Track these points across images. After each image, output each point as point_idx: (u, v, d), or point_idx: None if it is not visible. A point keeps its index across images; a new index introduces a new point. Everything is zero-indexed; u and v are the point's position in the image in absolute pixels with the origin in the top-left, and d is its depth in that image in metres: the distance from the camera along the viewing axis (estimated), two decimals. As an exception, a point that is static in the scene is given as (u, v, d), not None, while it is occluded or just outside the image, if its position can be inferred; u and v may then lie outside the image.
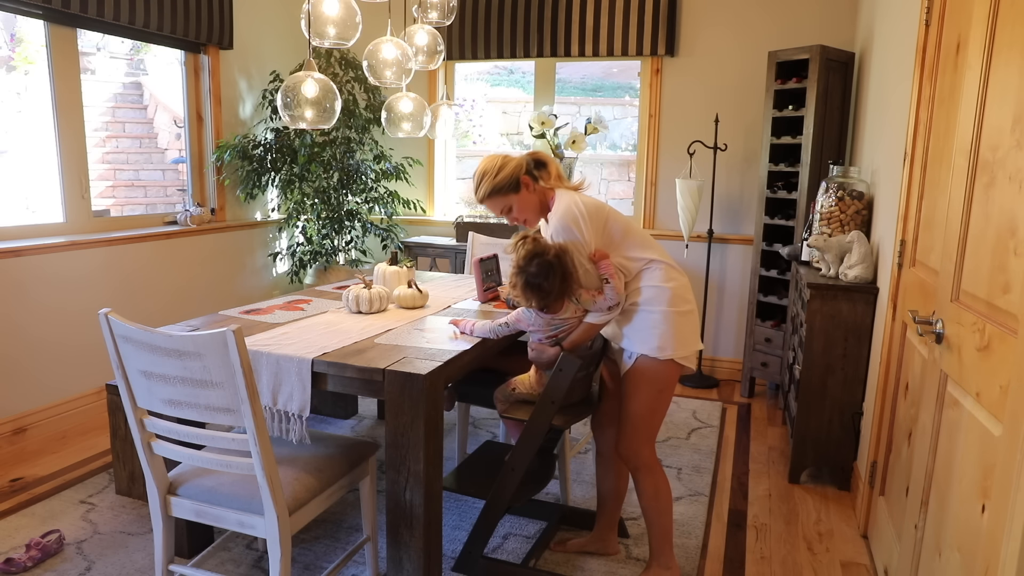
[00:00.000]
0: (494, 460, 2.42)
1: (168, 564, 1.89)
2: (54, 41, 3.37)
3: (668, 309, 2.10)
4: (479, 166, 2.21)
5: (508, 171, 2.16)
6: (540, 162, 2.23)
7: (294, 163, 4.37)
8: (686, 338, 2.12)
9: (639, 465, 2.18)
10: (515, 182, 2.16)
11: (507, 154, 2.22)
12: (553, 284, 2.02)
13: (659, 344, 2.09)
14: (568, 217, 2.07)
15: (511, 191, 2.17)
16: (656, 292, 2.11)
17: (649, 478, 2.18)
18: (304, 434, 1.99)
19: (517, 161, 2.19)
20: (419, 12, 2.91)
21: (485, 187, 2.17)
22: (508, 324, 2.18)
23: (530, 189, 2.18)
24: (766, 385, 4.30)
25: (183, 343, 1.62)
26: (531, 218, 2.23)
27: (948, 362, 1.65)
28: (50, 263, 3.33)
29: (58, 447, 3.19)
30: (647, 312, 2.11)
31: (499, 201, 2.19)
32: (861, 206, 3.06)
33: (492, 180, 2.16)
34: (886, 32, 3.06)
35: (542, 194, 2.21)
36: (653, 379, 2.12)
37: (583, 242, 2.06)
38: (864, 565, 2.42)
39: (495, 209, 2.22)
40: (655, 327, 2.09)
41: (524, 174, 2.17)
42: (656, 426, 2.19)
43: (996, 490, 1.28)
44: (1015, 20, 1.40)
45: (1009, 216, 1.35)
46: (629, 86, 5.04)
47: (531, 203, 2.20)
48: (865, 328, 2.83)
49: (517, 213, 2.21)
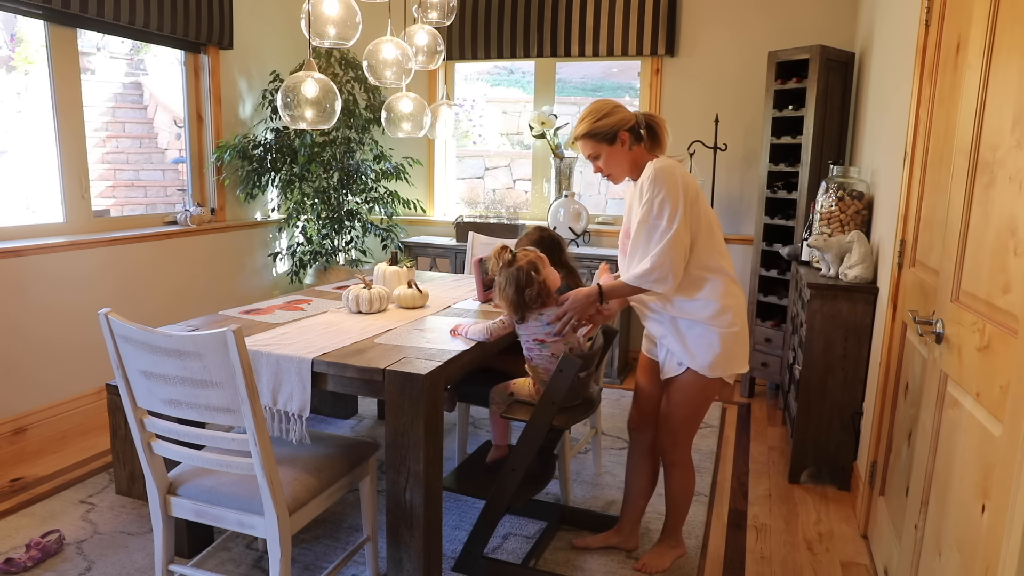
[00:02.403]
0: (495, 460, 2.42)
1: (168, 564, 1.89)
2: (54, 41, 3.37)
3: (726, 330, 2.09)
4: (588, 106, 2.16)
5: (612, 120, 2.09)
6: (652, 128, 2.16)
7: (294, 163, 4.37)
8: (736, 358, 2.14)
9: (675, 461, 2.27)
10: (612, 134, 2.09)
11: (619, 103, 2.14)
12: (521, 292, 2.06)
13: (711, 363, 2.11)
14: (665, 172, 2.01)
15: (604, 140, 2.11)
16: (718, 309, 2.08)
17: (681, 473, 2.29)
18: (304, 434, 1.99)
19: (625, 115, 2.11)
20: (419, 12, 2.91)
21: (582, 127, 2.12)
22: (503, 321, 2.19)
23: (625, 146, 2.12)
24: (766, 385, 4.30)
25: (183, 343, 1.62)
26: (616, 173, 2.17)
27: (948, 362, 1.64)
28: (50, 263, 3.33)
29: (58, 447, 3.19)
30: (706, 329, 2.09)
31: (590, 146, 2.13)
32: (861, 206, 3.06)
33: (592, 123, 2.10)
34: (886, 32, 3.06)
35: (638, 156, 2.15)
36: (700, 391, 2.17)
37: (668, 201, 1.98)
38: (864, 565, 2.42)
39: (584, 151, 2.17)
40: (711, 347, 2.09)
41: (626, 129, 2.10)
42: (695, 428, 2.27)
43: (996, 490, 1.28)
44: (1015, 20, 1.40)
45: (1009, 216, 1.34)
46: (629, 86, 5.04)
47: (621, 159, 2.14)
48: (865, 328, 2.83)
49: (604, 163, 2.15)
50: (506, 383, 2.27)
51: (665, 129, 2.18)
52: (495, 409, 2.26)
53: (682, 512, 2.36)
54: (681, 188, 2.01)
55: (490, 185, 5.52)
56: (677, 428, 2.22)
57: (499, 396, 2.26)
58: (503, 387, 2.26)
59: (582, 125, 2.12)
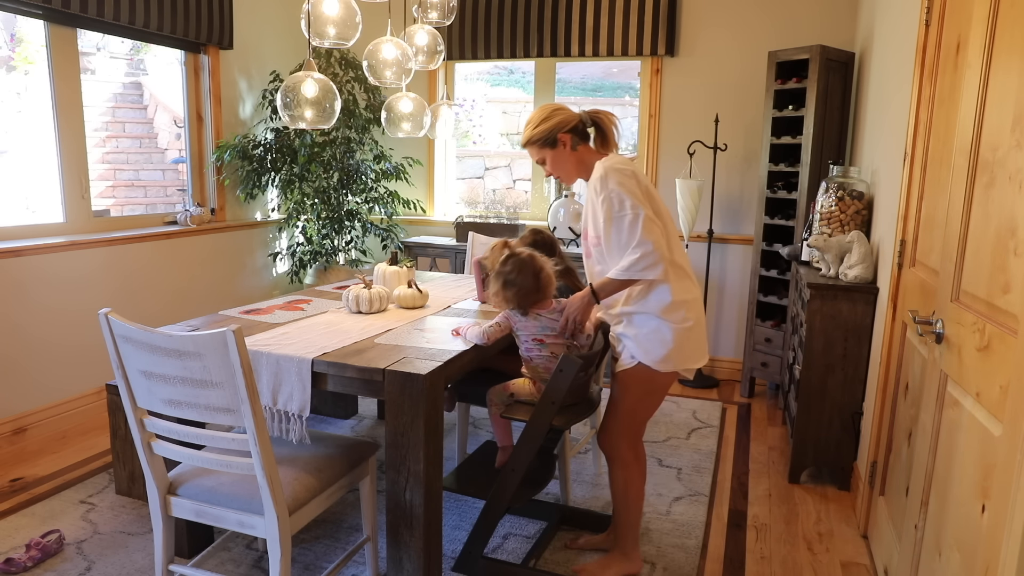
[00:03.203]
0: (494, 460, 2.42)
1: (168, 564, 1.89)
2: (54, 41, 3.37)
3: (679, 325, 2.07)
4: (534, 111, 2.20)
5: (550, 125, 2.12)
6: (600, 126, 2.16)
7: (294, 163, 4.37)
8: (691, 353, 2.12)
9: (615, 457, 2.22)
10: (552, 138, 2.12)
11: (560, 106, 2.17)
12: (527, 280, 2.07)
13: (663, 358, 2.08)
14: (612, 168, 2.02)
15: (546, 145, 2.14)
16: (670, 304, 2.06)
17: (622, 472, 2.22)
18: (304, 434, 1.99)
19: (564, 117, 2.13)
20: (419, 12, 2.91)
21: (524, 134, 2.17)
22: (499, 324, 2.19)
23: (567, 148, 2.13)
24: (766, 385, 4.30)
25: (183, 343, 1.62)
26: (563, 175, 2.20)
27: (948, 362, 1.64)
28: (50, 263, 3.33)
29: (58, 447, 3.19)
30: (660, 323, 2.07)
31: (535, 151, 2.18)
32: (861, 206, 3.06)
33: (531, 130, 2.15)
34: (886, 32, 3.06)
35: (584, 156, 2.16)
36: (646, 384, 2.14)
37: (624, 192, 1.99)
38: (864, 565, 2.42)
39: (533, 157, 2.22)
40: (664, 342, 2.07)
41: (566, 132, 2.12)
42: (639, 424, 2.22)
43: (996, 490, 1.28)
44: (1015, 20, 1.40)
45: (1009, 216, 1.34)
46: (629, 86, 5.04)
47: (565, 161, 2.16)
48: (865, 328, 2.83)
49: (550, 167, 2.19)
50: (504, 384, 2.27)
51: (613, 126, 2.18)
52: (494, 410, 2.26)
53: (627, 520, 2.23)
54: (633, 180, 2.02)
55: (490, 185, 5.52)
56: (619, 420, 2.19)
57: (497, 397, 2.26)
58: (501, 388, 2.26)
59: (524, 133, 2.18)
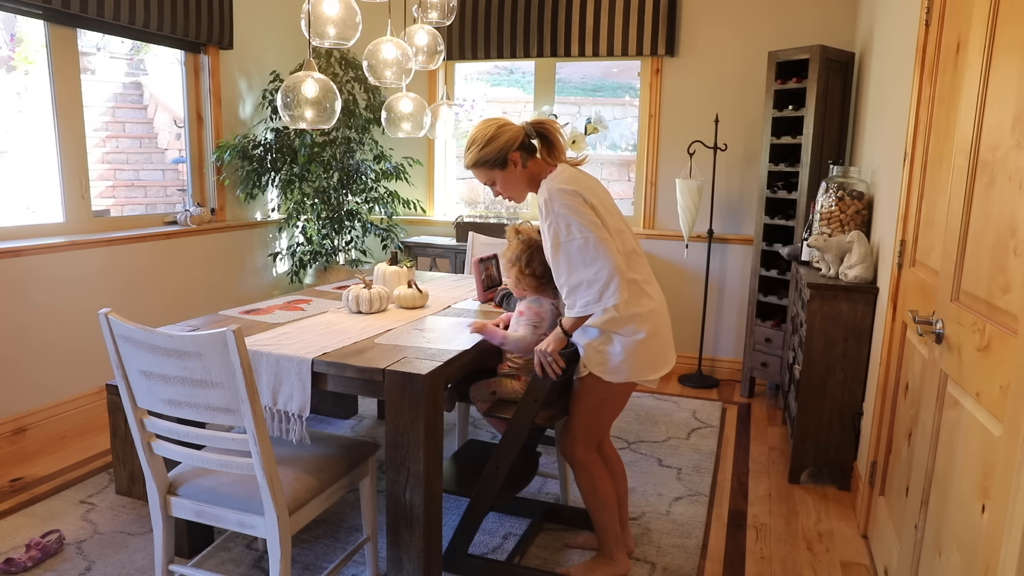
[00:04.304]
0: (479, 458, 2.41)
1: (168, 564, 1.89)
2: (54, 41, 3.37)
3: (629, 338, 2.00)
4: (471, 131, 2.06)
5: (498, 144, 2.00)
6: (544, 135, 2.06)
7: (294, 163, 4.37)
8: (646, 365, 2.05)
9: (572, 462, 2.20)
10: (503, 158, 2.01)
11: (504, 121, 2.04)
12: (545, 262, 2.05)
13: (612, 369, 2.04)
14: (555, 190, 1.93)
15: (496, 166, 2.03)
16: (616, 319, 1.99)
17: (584, 475, 2.19)
18: (304, 434, 1.99)
19: (511, 135, 2.01)
20: (419, 12, 2.91)
21: (469, 156, 2.04)
22: (534, 326, 2.15)
23: (518, 167, 2.03)
24: (766, 385, 4.30)
25: (183, 343, 1.62)
26: (515, 195, 2.10)
27: (948, 362, 1.64)
28: (50, 263, 3.33)
29: (58, 447, 3.19)
30: (608, 335, 2.02)
31: (483, 173, 2.06)
32: (861, 206, 3.06)
33: (478, 151, 2.02)
34: (886, 32, 3.06)
35: (535, 170, 2.06)
36: (597, 393, 2.11)
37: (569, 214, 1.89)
38: (864, 565, 2.42)
39: (479, 179, 2.10)
40: (613, 354, 2.02)
41: (516, 150, 2.01)
42: (595, 429, 2.18)
43: (996, 490, 1.28)
44: (1015, 20, 1.40)
45: (1009, 216, 1.34)
46: (629, 86, 5.04)
47: (517, 180, 2.05)
48: (865, 328, 2.83)
49: (501, 188, 2.08)
50: (486, 381, 2.26)
51: (558, 133, 2.07)
52: (479, 408, 2.26)
53: (602, 522, 2.20)
54: (578, 198, 1.92)
55: (490, 185, 5.51)
56: (576, 426, 2.16)
57: (479, 394, 2.25)
58: (483, 384, 2.25)
59: (469, 154, 2.03)
